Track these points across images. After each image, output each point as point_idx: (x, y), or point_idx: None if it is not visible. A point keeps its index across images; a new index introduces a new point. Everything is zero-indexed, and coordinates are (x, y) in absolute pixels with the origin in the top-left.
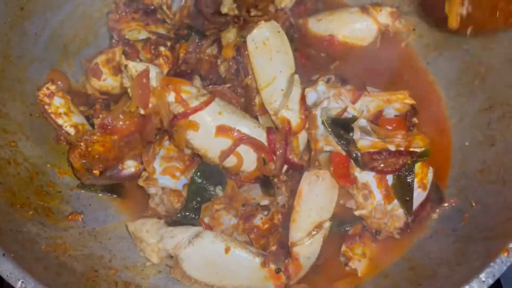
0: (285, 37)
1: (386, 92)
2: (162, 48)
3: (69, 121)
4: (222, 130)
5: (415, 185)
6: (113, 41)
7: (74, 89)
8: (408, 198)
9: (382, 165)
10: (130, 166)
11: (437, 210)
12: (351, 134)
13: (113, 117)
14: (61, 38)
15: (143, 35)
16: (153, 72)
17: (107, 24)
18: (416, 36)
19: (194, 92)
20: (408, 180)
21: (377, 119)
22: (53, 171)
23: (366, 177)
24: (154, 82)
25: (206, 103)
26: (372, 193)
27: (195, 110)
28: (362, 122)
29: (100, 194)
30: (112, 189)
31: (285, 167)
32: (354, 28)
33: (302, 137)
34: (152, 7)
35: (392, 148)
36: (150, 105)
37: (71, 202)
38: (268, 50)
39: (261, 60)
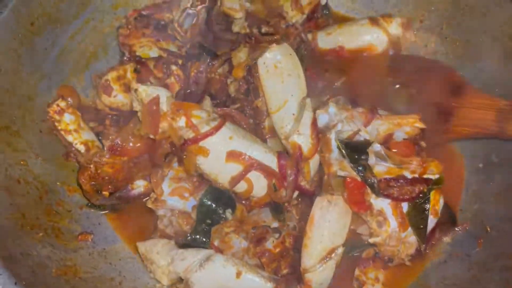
0: (297, 59)
1: (397, 116)
2: (174, 67)
3: (79, 138)
4: (233, 155)
5: None
6: (125, 58)
7: (84, 104)
8: (422, 226)
9: (398, 192)
10: (139, 186)
11: (449, 234)
12: (366, 159)
13: (122, 139)
14: (71, 53)
15: (154, 51)
16: (164, 96)
17: (117, 39)
18: (430, 52)
19: (204, 116)
20: (424, 208)
21: (387, 142)
22: (63, 189)
23: (381, 203)
24: (164, 107)
25: (217, 128)
26: (387, 220)
27: (206, 135)
28: (377, 147)
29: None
30: (120, 208)
31: (296, 192)
32: (364, 40)
33: (314, 162)
34: (163, 22)
35: (407, 174)
36: (160, 130)
37: (80, 221)
38: (279, 73)
39: (272, 84)
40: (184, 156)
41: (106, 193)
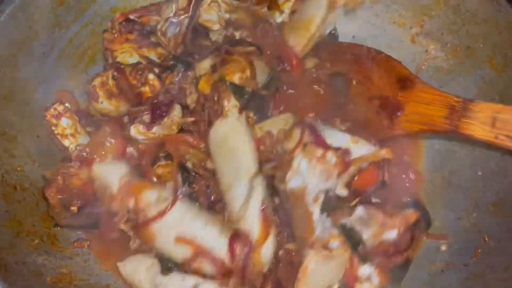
0: (245, 132)
1: (369, 154)
2: (151, 76)
3: (76, 142)
4: (182, 240)
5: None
6: (108, 63)
7: (81, 109)
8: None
9: (388, 259)
10: None
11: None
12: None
13: (90, 149)
14: (69, 57)
15: (134, 58)
16: (117, 177)
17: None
18: (430, 57)
19: (154, 199)
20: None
21: (353, 177)
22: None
23: (368, 269)
24: (114, 188)
25: (163, 212)
26: (372, 281)
27: (154, 219)
28: (360, 210)
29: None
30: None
31: None
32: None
33: (266, 250)
34: (149, 28)
35: (393, 233)
36: (114, 209)
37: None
38: (227, 150)
39: (222, 161)
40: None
41: (74, 208)
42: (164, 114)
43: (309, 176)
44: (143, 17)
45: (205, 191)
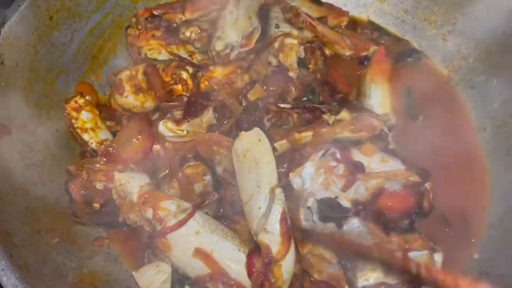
0: (267, 145)
1: (387, 171)
2: (185, 75)
3: (96, 137)
4: (199, 253)
5: None
6: (139, 57)
7: (101, 102)
8: None
9: None
10: None
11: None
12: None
13: (117, 145)
14: (89, 48)
15: (163, 56)
16: (137, 186)
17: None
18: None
19: (173, 209)
20: None
21: (377, 196)
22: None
23: None
24: (134, 197)
25: (182, 223)
26: None
27: (171, 229)
28: (352, 224)
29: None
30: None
31: None
32: None
33: (287, 264)
34: (175, 24)
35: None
36: (131, 220)
37: (96, 225)
38: (248, 162)
39: (242, 174)
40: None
41: (96, 205)
42: (197, 113)
43: (310, 181)
44: (167, 14)
45: (230, 200)
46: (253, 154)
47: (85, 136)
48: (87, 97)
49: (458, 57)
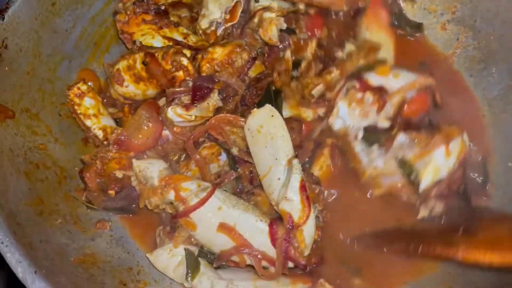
0: (280, 120)
1: (406, 85)
2: (185, 61)
3: (98, 123)
4: (223, 228)
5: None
6: (135, 46)
7: (103, 89)
8: None
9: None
10: None
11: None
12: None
13: (128, 132)
14: (91, 35)
15: (157, 40)
16: (156, 171)
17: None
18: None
19: (193, 188)
20: None
21: (401, 108)
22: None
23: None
24: (155, 181)
25: (205, 200)
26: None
27: (194, 208)
28: (401, 139)
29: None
30: (125, 209)
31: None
32: None
33: (308, 229)
34: (163, 7)
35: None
36: (153, 204)
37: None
38: (263, 137)
39: (257, 149)
40: (177, 227)
41: (112, 192)
42: (204, 96)
43: (349, 117)
44: None
45: (248, 175)
46: (268, 129)
47: (88, 122)
48: (90, 83)
49: (457, 46)
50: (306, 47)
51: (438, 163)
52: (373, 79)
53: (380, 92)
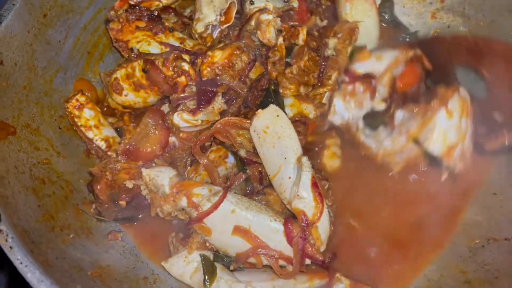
0: (286, 119)
1: (390, 64)
2: (186, 66)
3: (100, 134)
4: (239, 231)
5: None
6: (132, 54)
7: (100, 98)
8: None
9: None
10: None
11: None
12: None
13: (136, 142)
14: (84, 44)
15: (154, 47)
16: (166, 178)
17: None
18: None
19: (205, 193)
20: None
21: (394, 84)
22: (86, 188)
23: None
24: (166, 189)
25: (217, 205)
26: None
27: (208, 213)
28: (399, 114)
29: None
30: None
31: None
32: None
33: (322, 225)
34: (156, 12)
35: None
36: (165, 212)
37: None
38: (270, 138)
39: (265, 150)
40: (191, 233)
41: (123, 202)
42: (209, 100)
43: (346, 111)
44: (144, 2)
45: (257, 176)
46: (274, 129)
47: (89, 134)
48: (87, 94)
49: (448, 34)
50: (298, 34)
51: (443, 126)
52: (359, 67)
53: (368, 78)
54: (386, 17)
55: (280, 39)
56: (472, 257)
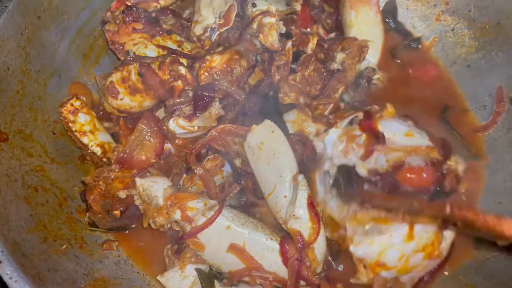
0: (281, 135)
1: (408, 146)
2: (183, 70)
3: (95, 140)
4: (233, 249)
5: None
6: (128, 57)
7: (96, 102)
8: None
9: None
10: None
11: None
12: None
13: (130, 150)
14: (80, 47)
15: (151, 50)
16: (160, 190)
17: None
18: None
19: (200, 207)
20: None
21: (398, 169)
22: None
23: None
24: (160, 201)
25: (212, 220)
26: None
27: (202, 228)
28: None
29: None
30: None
31: None
32: None
33: (319, 246)
34: (154, 14)
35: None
36: (158, 224)
37: None
38: (264, 154)
39: (260, 167)
40: (184, 247)
41: (117, 212)
42: (206, 106)
43: (332, 147)
44: (141, 3)
45: (252, 187)
46: (269, 145)
47: (84, 140)
48: (82, 98)
49: (452, 36)
50: (308, 42)
51: (393, 242)
52: (384, 126)
53: (375, 139)
54: (390, 23)
55: (289, 44)
56: (478, 269)
